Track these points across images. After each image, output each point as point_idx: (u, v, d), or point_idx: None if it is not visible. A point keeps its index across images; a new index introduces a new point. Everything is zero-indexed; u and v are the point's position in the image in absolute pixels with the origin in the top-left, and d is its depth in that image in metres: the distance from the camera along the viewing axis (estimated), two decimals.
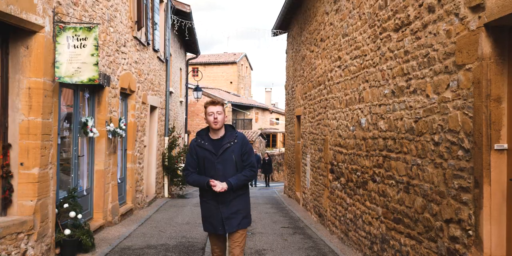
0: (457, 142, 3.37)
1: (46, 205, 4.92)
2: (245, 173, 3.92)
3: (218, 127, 3.91)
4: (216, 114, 3.87)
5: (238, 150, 3.92)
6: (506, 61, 2.99)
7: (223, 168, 3.88)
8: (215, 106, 3.90)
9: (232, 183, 3.81)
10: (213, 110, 3.88)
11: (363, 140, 5.57)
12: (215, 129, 3.91)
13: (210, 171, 3.89)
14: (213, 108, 3.89)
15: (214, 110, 3.88)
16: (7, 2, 4.09)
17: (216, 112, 3.88)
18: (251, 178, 3.99)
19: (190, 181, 3.98)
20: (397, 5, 4.52)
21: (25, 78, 4.66)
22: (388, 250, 4.71)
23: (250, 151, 4.01)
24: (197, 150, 3.96)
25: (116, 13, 7.44)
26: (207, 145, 3.93)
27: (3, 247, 4.20)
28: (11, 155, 4.62)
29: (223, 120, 3.92)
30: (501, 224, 3.01)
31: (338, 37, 6.81)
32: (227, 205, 3.88)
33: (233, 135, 3.97)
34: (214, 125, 3.88)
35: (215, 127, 3.89)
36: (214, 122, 3.87)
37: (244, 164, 3.95)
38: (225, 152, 3.89)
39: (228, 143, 3.90)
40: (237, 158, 3.91)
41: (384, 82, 4.87)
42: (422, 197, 3.94)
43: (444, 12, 3.57)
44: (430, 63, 3.81)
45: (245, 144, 3.98)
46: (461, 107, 3.32)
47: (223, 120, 3.93)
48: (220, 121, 3.89)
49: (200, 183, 3.88)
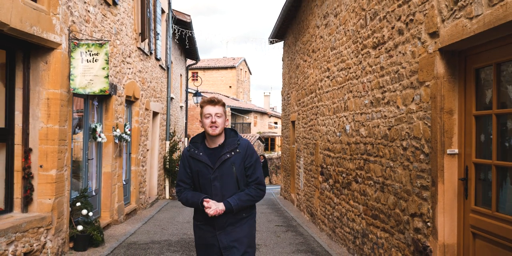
0: (419, 148, 3.95)
1: (62, 203, 5.48)
2: (249, 191, 3.10)
3: (217, 133, 3.07)
4: (214, 116, 3.06)
5: (240, 162, 3.09)
6: (457, 80, 3.57)
7: (221, 185, 3.07)
8: (213, 106, 3.09)
9: (232, 204, 3.01)
10: (211, 112, 3.08)
11: (348, 145, 6.14)
12: (213, 135, 3.09)
13: (205, 189, 3.11)
14: (211, 108, 3.09)
15: (212, 111, 3.08)
16: (31, 23, 4.68)
17: (214, 114, 3.07)
18: (257, 198, 3.14)
19: (183, 200, 3.17)
20: (375, 26, 5.11)
21: (44, 90, 5.24)
22: (368, 243, 5.28)
23: (256, 164, 3.16)
24: (190, 161, 3.15)
25: (122, 26, 8.03)
26: (201, 155, 3.10)
27: (27, 240, 4.77)
28: (32, 158, 5.19)
29: (223, 124, 3.11)
30: (452, 217, 3.57)
31: (327, 49, 7.39)
32: (226, 231, 3.09)
33: (234, 142, 3.13)
34: (211, 131, 3.06)
35: (213, 133, 3.07)
36: (211, 126, 3.05)
37: (249, 181, 3.13)
38: (224, 165, 3.07)
39: (228, 153, 3.08)
40: (239, 173, 3.09)
41: (365, 93, 5.45)
42: (394, 195, 4.51)
43: (410, 35, 4.16)
44: (399, 79, 4.39)
45: (250, 155, 3.14)
46: (422, 117, 3.90)
47: (223, 124, 3.11)
48: (219, 125, 3.07)
49: (194, 202, 3.08)
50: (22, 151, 5.14)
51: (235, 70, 42.46)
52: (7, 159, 5.04)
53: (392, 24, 4.58)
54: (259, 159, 3.22)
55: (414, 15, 4.05)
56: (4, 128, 5.00)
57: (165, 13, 12.44)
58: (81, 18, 5.98)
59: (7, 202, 5.04)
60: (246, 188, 3.14)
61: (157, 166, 11.84)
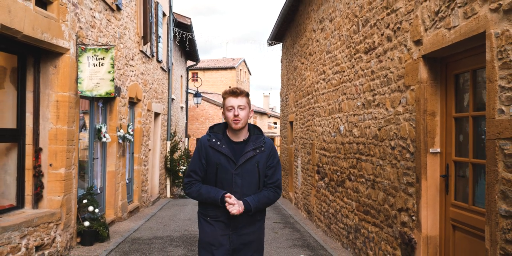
0: (406, 147, 4.24)
1: (70, 200, 5.77)
2: (268, 193, 2.95)
3: (240, 127, 2.90)
4: (237, 109, 2.87)
5: (264, 160, 2.95)
6: (439, 85, 3.87)
7: (242, 183, 2.89)
8: (236, 98, 2.89)
9: (251, 204, 2.85)
10: (233, 104, 2.88)
11: (342, 145, 6.44)
12: (236, 129, 2.91)
13: (223, 185, 2.90)
14: (234, 100, 2.89)
15: (235, 103, 2.88)
16: (42, 30, 4.97)
17: (237, 106, 2.88)
18: (273, 202, 3.01)
19: (194, 193, 2.95)
20: (366, 32, 5.40)
21: (53, 93, 5.53)
22: (360, 238, 5.58)
23: (277, 165, 3.03)
24: (208, 151, 2.93)
25: (125, 30, 8.32)
26: (224, 148, 2.91)
27: (38, 234, 5.06)
28: (42, 158, 5.48)
29: (247, 117, 2.92)
30: (435, 211, 3.87)
31: (323, 53, 7.69)
32: (238, 233, 2.92)
33: (260, 140, 2.99)
34: (234, 125, 2.88)
35: (236, 127, 2.89)
36: (235, 120, 2.87)
37: (268, 182, 2.98)
38: (248, 162, 2.91)
39: (253, 150, 2.93)
40: (262, 172, 2.95)
41: (357, 95, 5.75)
42: (383, 191, 4.81)
43: (397, 42, 4.45)
44: (388, 83, 4.69)
45: (273, 155, 3.01)
46: (408, 119, 4.20)
47: (247, 117, 2.92)
48: (243, 118, 2.89)
49: (211, 197, 2.86)
50: (32, 150, 5.42)
51: (234, 70, 42.74)
52: (18, 158, 5.33)
53: (382, 31, 4.88)
54: (279, 161, 3.10)
55: (401, 23, 4.34)
56: (16, 129, 5.29)
57: (166, 16, 12.73)
58: (88, 24, 6.27)
59: (19, 199, 5.33)
60: (264, 189, 2.97)
61: (159, 166, 12.14)
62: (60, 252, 5.49)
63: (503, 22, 2.77)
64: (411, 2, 4.12)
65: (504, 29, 2.75)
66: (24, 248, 4.81)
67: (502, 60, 2.77)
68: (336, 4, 6.81)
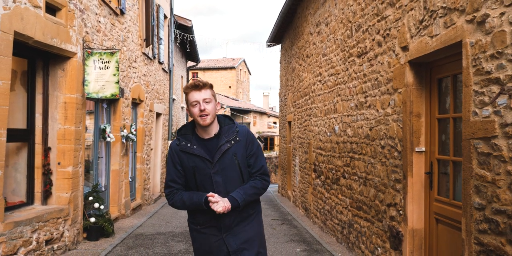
0: (394, 146, 4.53)
1: (77, 197, 6.06)
2: (254, 183, 2.73)
3: (209, 123, 2.64)
4: (203, 103, 2.61)
5: (242, 151, 2.72)
6: (424, 88, 4.15)
7: (224, 180, 2.67)
8: (199, 91, 2.63)
9: (238, 199, 2.61)
10: (197, 98, 2.62)
11: (337, 144, 6.72)
12: (205, 125, 2.65)
13: (205, 187, 2.68)
14: (198, 94, 2.62)
15: (199, 97, 2.62)
16: (51, 36, 5.25)
17: (202, 100, 2.61)
18: (262, 191, 2.77)
19: (178, 203, 2.72)
20: (359, 37, 5.68)
21: (61, 95, 5.81)
22: (353, 232, 5.86)
23: (258, 151, 2.80)
24: (181, 157, 2.71)
25: (129, 34, 8.60)
26: (195, 148, 2.67)
27: (48, 229, 5.34)
28: (50, 156, 5.76)
29: (214, 110, 2.65)
30: (420, 205, 4.15)
31: (319, 55, 7.97)
32: (233, 233, 2.69)
33: (232, 130, 2.74)
34: (202, 121, 2.62)
35: (205, 123, 2.63)
36: (202, 115, 2.61)
37: (252, 171, 2.76)
38: (225, 157, 2.67)
39: (227, 142, 2.68)
40: (242, 164, 2.72)
41: (351, 97, 6.03)
42: (374, 188, 5.09)
43: (387, 47, 4.73)
44: (378, 85, 4.97)
45: (251, 142, 2.77)
46: (396, 120, 4.48)
47: (214, 111, 2.66)
48: (210, 112, 2.62)
49: (194, 202, 2.64)
50: (42, 149, 5.70)
51: (234, 70, 43.02)
52: (28, 157, 5.61)
53: (373, 37, 5.16)
54: (260, 146, 2.85)
55: (390, 30, 4.62)
56: (26, 129, 5.57)
57: (167, 19, 13.01)
58: (93, 28, 6.55)
59: (29, 196, 5.61)
60: (249, 180, 2.75)
61: (160, 165, 12.42)
62: (68, 246, 5.78)
63: (477, 33, 3.05)
64: (399, 10, 4.40)
65: (477, 39, 3.03)
66: (35, 242, 5.09)
67: (476, 67, 3.05)
68: (331, 9, 7.09)
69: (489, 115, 2.91)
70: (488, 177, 2.91)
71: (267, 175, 2.81)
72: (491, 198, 2.89)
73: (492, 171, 2.88)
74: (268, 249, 6.04)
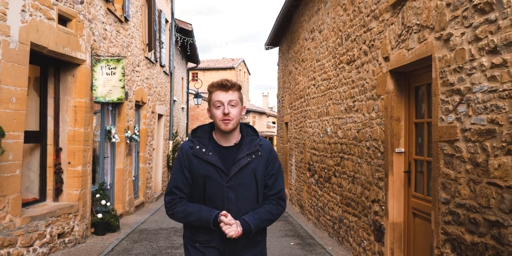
0: (377, 147, 4.96)
1: (85, 194, 6.49)
2: (271, 208, 2.40)
3: (231, 128, 2.34)
4: (227, 106, 2.32)
5: (262, 168, 2.41)
6: (403, 95, 4.58)
7: (237, 198, 2.35)
8: (226, 92, 2.34)
9: (251, 224, 2.30)
10: (222, 99, 2.33)
11: (329, 145, 7.16)
12: (226, 131, 2.35)
13: (213, 202, 2.35)
14: (224, 95, 2.33)
15: (224, 99, 2.33)
16: (63, 45, 5.68)
17: (227, 102, 2.33)
18: (277, 217, 2.45)
19: (180, 214, 2.36)
20: (348, 45, 6.12)
21: (71, 99, 6.24)
22: (343, 227, 6.30)
23: (278, 172, 2.49)
24: (192, 162, 2.37)
25: (132, 39, 9.03)
26: (211, 155, 2.35)
27: (60, 223, 5.78)
28: (61, 156, 6.20)
29: (239, 116, 2.36)
30: (400, 201, 4.59)
31: (313, 61, 8.40)
32: None
33: (255, 143, 2.44)
34: (224, 125, 2.33)
35: (227, 128, 2.33)
36: (224, 120, 2.32)
37: (268, 193, 2.44)
38: (243, 172, 2.36)
39: (248, 156, 2.38)
40: (260, 183, 2.41)
41: (341, 101, 6.46)
42: (361, 186, 5.53)
43: (372, 57, 5.17)
44: (364, 91, 5.40)
45: (273, 160, 2.47)
46: (379, 123, 4.91)
47: (239, 116, 2.36)
48: (235, 117, 2.33)
49: (202, 217, 2.30)
50: (53, 150, 6.14)
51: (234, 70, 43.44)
52: (41, 157, 6.05)
53: (360, 46, 5.59)
54: (281, 167, 2.53)
55: (374, 41, 5.06)
56: (38, 131, 6.01)
57: (168, 23, 13.43)
58: (100, 36, 6.98)
59: (41, 193, 6.05)
60: (264, 203, 2.42)
61: (162, 164, 12.86)
62: (78, 240, 6.21)
63: (443, 49, 3.48)
64: (382, 24, 4.83)
65: (444, 54, 3.47)
66: (49, 235, 5.53)
67: (443, 79, 3.49)
68: (324, 17, 7.52)
69: (452, 121, 3.34)
70: (452, 175, 3.35)
71: (283, 201, 2.47)
72: (454, 193, 3.32)
73: (455, 170, 3.31)
74: None
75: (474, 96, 3.09)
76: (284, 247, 6.30)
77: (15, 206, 4.86)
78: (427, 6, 3.76)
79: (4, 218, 4.69)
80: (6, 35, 4.59)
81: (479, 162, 3.02)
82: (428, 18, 3.74)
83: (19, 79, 4.84)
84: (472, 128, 3.11)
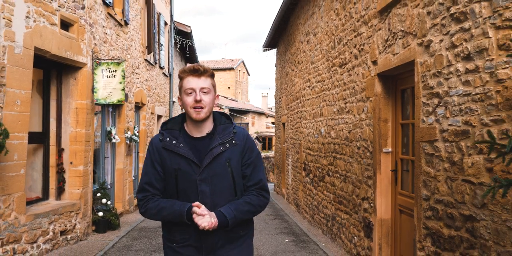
0: (367, 147, 5.18)
1: (87, 193, 6.71)
2: (250, 198, 2.26)
3: (203, 117, 2.20)
4: (199, 93, 2.18)
5: (238, 157, 2.27)
6: (390, 97, 4.80)
7: (211, 190, 2.21)
8: (198, 78, 2.19)
9: (227, 215, 2.15)
10: (194, 86, 2.18)
11: (322, 145, 7.38)
12: (198, 120, 2.21)
13: (187, 196, 2.22)
14: (196, 81, 2.19)
15: (195, 85, 2.18)
16: (65, 49, 5.90)
17: (200, 89, 2.18)
18: (259, 209, 2.29)
19: (153, 211, 2.22)
20: (340, 49, 6.33)
21: (73, 101, 6.46)
22: (335, 224, 6.52)
23: (257, 161, 2.33)
24: (162, 155, 2.25)
25: (132, 42, 9.25)
26: (182, 147, 2.22)
27: (62, 221, 6.00)
28: (64, 156, 6.42)
29: (211, 103, 2.22)
30: (387, 198, 4.81)
31: (308, 63, 8.62)
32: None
33: (229, 131, 2.29)
34: (195, 114, 2.19)
35: (198, 117, 2.19)
36: (195, 107, 2.18)
37: (247, 184, 2.29)
38: (216, 162, 2.22)
39: (221, 145, 2.23)
40: (236, 173, 2.26)
41: (334, 103, 6.68)
42: (352, 184, 5.75)
43: (361, 60, 5.39)
44: (355, 93, 5.62)
45: (250, 148, 2.32)
46: (368, 124, 5.13)
47: (211, 104, 2.22)
48: (206, 105, 2.19)
49: (175, 211, 2.17)
50: (56, 150, 6.36)
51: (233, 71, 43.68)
52: (44, 157, 6.27)
53: (351, 50, 5.81)
54: (260, 155, 2.37)
55: (364, 45, 5.28)
56: (41, 132, 6.23)
57: (167, 25, 13.66)
58: (101, 40, 7.21)
59: (44, 192, 6.27)
60: (244, 195, 2.28)
61: None
62: (79, 237, 6.43)
63: (425, 54, 3.70)
64: (370, 29, 5.05)
65: (425, 59, 3.69)
66: (52, 232, 5.75)
67: (424, 83, 3.70)
68: (318, 21, 7.75)
69: (432, 123, 3.56)
70: (432, 173, 3.56)
71: (266, 191, 2.31)
72: (434, 190, 3.54)
73: (434, 168, 3.53)
74: (259, 240, 6.71)
75: (451, 99, 3.31)
76: (279, 244, 6.52)
77: (20, 204, 5.07)
78: (410, 13, 3.98)
79: (10, 216, 4.91)
80: (12, 41, 4.81)
81: (455, 160, 3.23)
82: (411, 25, 3.96)
83: (23, 82, 5.06)
84: (449, 129, 3.32)
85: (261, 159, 2.37)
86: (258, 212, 2.30)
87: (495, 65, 2.81)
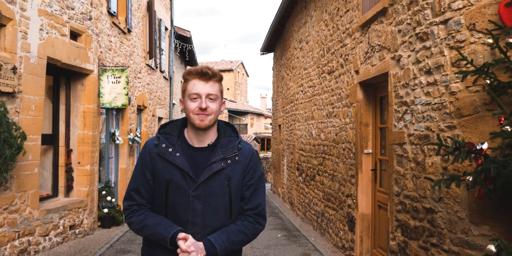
0: (350, 148, 5.68)
1: (93, 191, 7.20)
2: (245, 226, 2.00)
3: (207, 125, 1.96)
4: (205, 99, 1.95)
5: (239, 176, 2.02)
6: (371, 103, 5.30)
7: (204, 209, 1.97)
8: (206, 83, 1.96)
9: (217, 246, 1.91)
10: (200, 91, 1.95)
11: (313, 146, 7.87)
12: (201, 127, 1.97)
13: (177, 212, 1.97)
14: (202, 85, 1.95)
15: (203, 90, 1.95)
16: (74, 58, 6.40)
17: (206, 95, 1.95)
18: (252, 237, 2.03)
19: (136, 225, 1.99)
20: (329, 57, 6.83)
21: (81, 105, 6.95)
22: (324, 220, 7.01)
23: (259, 183, 2.08)
24: (155, 162, 2.01)
25: (134, 48, 9.75)
26: (178, 157, 1.98)
27: (71, 216, 6.49)
28: (72, 157, 6.91)
29: (217, 111, 2.00)
30: (368, 195, 5.30)
31: (301, 69, 9.12)
32: None
33: (233, 145, 2.04)
34: (198, 121, 1.95)
35: (202, 125, 1.96)
36: (199, 114, 1.95)
37: (244, 207, 2.04)
38: (214, 179, 1.97)
39: (222, 160, 1.99)
40: (235, 193, 2.01)
41: (323, 107, 7.18)
42: (338, 182, 6.24)
43: (346, 69, 5.88)
44: (341, 99, 6.12)
45: (254, 167, 2.07)
46: (352, 128, 5.63)
47: (218, 112, 2.00)
48: (212, 113, 1.96)
49: (158, 233, 1.92)
50: (65, 151, 6.85)
51: (232, 73, 44.17)
52: (54, 157, 6.76)
53: (338, 59, 6.31)
54: (263, 176, 2.14)
55: (348, 56, 5.78)
56: (51, 134, 6.72)
57: (168, 30, 14.15)
58: (106, 48, 7.70)
59: (54, 189, 6.76)
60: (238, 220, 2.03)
61: None
62: (86, 231, 6.92)
63: (396, 67, 4.20)
64: (354, 41, 5.55)
65: (396, 72, 4.18)
66: (62, 227, 6.24)
67: (395, 92, 4.20)
68: (310, 30, 8.24)
69: (402, 128, 4.06)
70: (401, 171, 4.06)
71: (263, 217, 2.06)
72: (403, 186, 4.04)
73: (403, 168, 4.03)
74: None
75: (416, 108, 3.80)
76: (272, 238, 7.01)
77: (34, 200, 5.56)
78: (385, 30, 4.48)
79: (25, 211, 5.40)
80: (27, 51, 5.30)
81: (419, 161, 3.73)
82: (386, 41, 4.46)
83: (37, 89, 5.55)
84: (414, 134, 3.82)
85: (263, 181, 2.11)
86: (250, 241, 2.05)
87: (449, 79, 3.31)
